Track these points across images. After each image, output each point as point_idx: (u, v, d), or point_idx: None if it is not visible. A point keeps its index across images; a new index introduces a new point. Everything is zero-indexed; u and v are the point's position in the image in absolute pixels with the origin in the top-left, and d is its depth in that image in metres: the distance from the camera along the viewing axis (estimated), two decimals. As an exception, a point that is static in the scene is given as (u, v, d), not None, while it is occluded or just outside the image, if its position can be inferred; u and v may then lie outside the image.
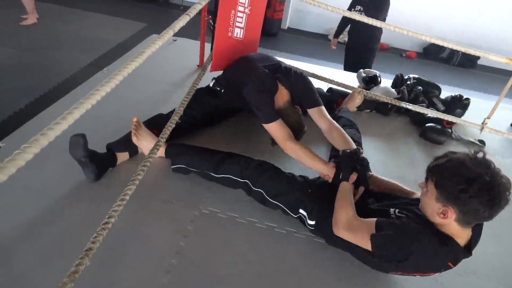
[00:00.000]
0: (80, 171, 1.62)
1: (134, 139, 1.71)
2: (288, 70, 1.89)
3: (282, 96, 1.83)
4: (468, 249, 1.22)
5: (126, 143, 1.74)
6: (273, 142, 1.79)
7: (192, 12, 1.47)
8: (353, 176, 1.53)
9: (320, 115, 1.87)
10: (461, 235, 1.20)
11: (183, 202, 1.65)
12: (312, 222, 1.52)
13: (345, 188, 1.50)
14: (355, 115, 2.37)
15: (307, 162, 1.69)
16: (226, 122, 2.18)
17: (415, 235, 1.20)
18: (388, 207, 1.38)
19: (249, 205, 1.66)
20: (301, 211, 1.54)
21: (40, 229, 1.43)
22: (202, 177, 1.72)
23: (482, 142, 2.50)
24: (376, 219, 1.29)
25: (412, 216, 1.28)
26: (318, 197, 1.54)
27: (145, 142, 1.71)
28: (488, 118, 2.39)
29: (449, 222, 1.16)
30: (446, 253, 1.19)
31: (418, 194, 1.43)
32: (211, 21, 2.60)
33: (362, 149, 1.94)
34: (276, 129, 1.71)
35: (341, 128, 1.82)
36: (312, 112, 1.89)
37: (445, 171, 1.14)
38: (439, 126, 2.41)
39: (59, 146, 1.53)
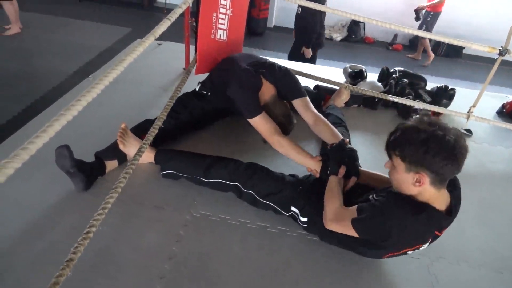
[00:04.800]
0: (69, 181, 1.61)
1: (120, 146, 1.70)
2: (272, 65, 1.90)
3: (268, 90, 1.83)
4: (449, 213, 1.24)
5: (114, 151, 1.73)
6: (265, 140, 1.79)
7: (173, 16, 1.47)
8: (342, 170, 1.55)
9: (305, 107, 1.87)
10: (438, 198, 1.22)
11: (174, 206, 1.64)
12: (305, 219, 1.53)
13: (333, 181, 1.52)
14: (343, 110, 2.38)
15: (293, 157, 1.69)
16: (214, 125, 2.18)
17: (390, 210, 1.24)
18: (369, 195, 1.41)
19: (241, 206, 1.66)
20: (293, 208, 1.55)
21: (30, 240, 1.42)
22: (192, 182, 1.72)
23: (469, 131, 2.53)
24: (357, 205, 1.33)
25: (388, 196, 1.31)
26: (309, 194, 1.55)
27: (132, 149, 1.69)
28: (474, 106, 2.43)
29: (425, 188, 1.19)
30: (426, 219, 1.21)
31: None
32: (194, 23, 2.60)
33: (350, 140, 1.95)
34: (261, 123, 1.71)
35: (327, 121, 1.83)
36: (297, 103, 1.89)
37: (404, 142, 1.18)
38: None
39: (47, 157, 1.53)
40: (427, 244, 1.30)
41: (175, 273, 1.38)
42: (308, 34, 3.58)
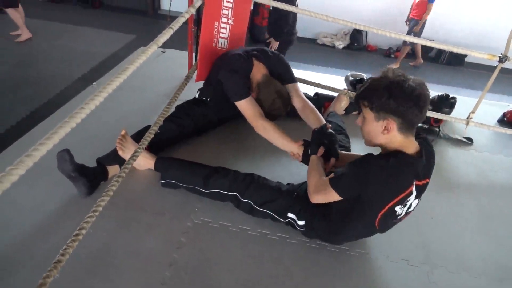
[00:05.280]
0: (72, 187, 1.63)
1: (120, 152, 1.72)
2: (264, 50, 1.97)
3: (259, 70, 1.88)
4: (420, 156, 1.28)
5: (116, 156, 1.74)
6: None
7: (176, 25, 1.50)
8: (321, 150, 1.59)
9: (296, 93, 1.94)
10: (407, 145, 1.27)
11: (175, 213, 1.66)
12: (302, 222, 1.54)
13: (313, 160, 1.56)
14: (343, 117, 2.40)
15: (276, 141, 1.72)
16: (215, 132, 2.20)
17: (362, 162, 1.30)
18: None
19: (241, 213, 1.67)
20: (289, 214, 1.57)
21: (34, 244, 1.44)
22: (191, 192, 1.73)
23: (469, 139, 2.53)
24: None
25: (361, 156, 1.36)
26: (304, 198, 1.56)
27: (131, 154, 1.71)
28: (473, 112, 2.43)
29: (394, 135, 1.25)
30: (398, 162, 1.24)
31: None
32: (197, 31, 2.63)
33: (349, 150, 1.97)
34: (246, 106, 1.75)
35: (314, 107, 1.89)
36: (288, 88, 1.94)
37: (370, 91, 1.26)
38: (426, 126, 2.45)
39: (52, 162, 1.55)
40: (414, 197, 1.31)
41: (176, 280, 1.38)
42: (279, 27, 3.60)
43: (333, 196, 1.33)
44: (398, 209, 1.32)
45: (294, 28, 3.77)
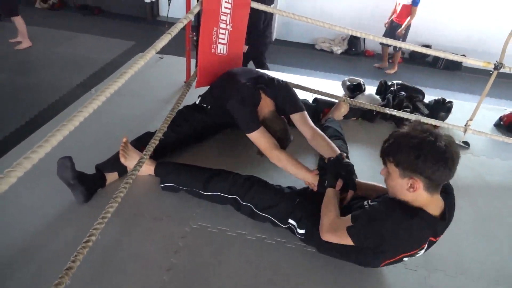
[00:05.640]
0: (70, 193, 1.63)
1: (122, 159, 1.73)
2: (271, 80, 1.94)
3: (266, 105, 1.86)
4: (443, 218, 1.26)
5: (115, 163, 1.75)
6: (260, 153, 1.81)
7: (174, 31, 1.51)
8: (339, 183, 1.56)
9: (303, 122, 1.91)
10: (431, 204, 1.23)
11: (173, 218, 1.66)
12: (302, 231, 1.54)
13: (330, 194, 1.53)
14: (341, 123, 2.41)
15: (291, 170, 1.71)
16: (214, 138, 2.21)
17: (383, 215, 1.26)
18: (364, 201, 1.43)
19: (239, 218, 1.68)
20: (290, 221, 1.56)
21: (33, 249, 1.44)
22: (191, 195, 1.73)
23: (466, 143, 2.55)
24: (352, 213, 1.34)
25: (382, 201, 1.32)
26: (306, 206, 1.56)
27: (133, 162, 1.70)
28: (471, 120, 2.45)
29: (419, 194, 1.21)
30: (419, 223, 1.22)
31: None
32: (195, 37, 2.65)
33: (348, 158, 1.97)
34: (259, 138, 1.74)
35: (324, 135, 1.85)
36: (295, 118, 1.92)
37: (397, 148, 1.21)
38: (424, 130, 2.45)
39: (50, 167, 1.56)
40: (424, 250, 1.31)
41: (174, 284, 1.38)
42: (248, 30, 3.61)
43: (347, 241, 1.31)
44: (406, 259, 1.34)
45: (267, 31, 3.71)
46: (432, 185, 1.19)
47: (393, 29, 5.72)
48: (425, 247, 1.30)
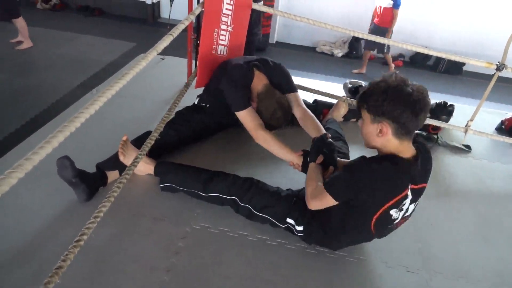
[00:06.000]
0: (71, 192, 1.63)
1: (121, 157, 1.73)
2: (265, 60, 1.98)
3: (260, 80, 1.89)
4: (415, 160, 1.28)
5: (116, 162, 1.75)
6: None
7: (175, 32, 1.51)
8: (320, 158, 1.59)
9: (296, 102, 1.95)
10: (403, 150, 1.27)
11: (174, 218, 1.66)
12: (301, 228, 1.54)
13: (312, 168, 1.57)
14: (341, 124, 2.41)
15: (276, 151, 1.73)
16: (214, 138, 2.21)
17: (356, 166, 1.31)
18: None
19: (240, 219, 1.67)
20: (288, 220, 1.57)
21: (33, 250, 1.44)
22: (190, 196, 1.73)
23: (468, 147, 2.54)
24: None
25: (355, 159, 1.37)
26: (303, 204, 1.56)
27: (132, 160, 1.71)
28: (471, 120, 2.44)
29: (388, 139, 1.25)
30: (391, 164, 1.24)
31: None
32: (197, 39, 2.65)
33: (348, 159, 1.97)
34: (246, 117, 1.76)
35: (314, 117, 1.90)
36: (289, 98, 1.95)
37: (369, 93, 1.27)
38: (424, 133, 2.46)
39: (51, 168, 1.56)
40: (409, 200, 1.31)
41: (174, 285, 1.38)
42: None
43: (329, 201, 1.33)
44: (393, 212, 1.32)
45: (255, 28, 3.67)
46: (400, 131, 1.22)
47: (376, 33, 5.59)
48: (409, 196, 1.29)
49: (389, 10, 5.45)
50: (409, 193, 1.28)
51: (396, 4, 5.37)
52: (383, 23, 5.57)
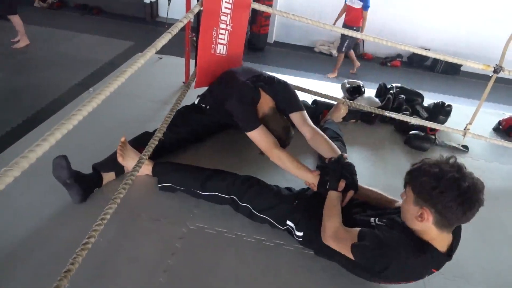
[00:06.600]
0: (66, 193, 1.61)
1: (119, 159, 1.71)
2: (271, 78, 1.93)
3: (266, 102, 1.85)
4: (449, 253, 1.23)
5: (112, 163, 1.74)
6: (262, 152, 1.78)
7: (174, 30, 1.50)
8: (342, 184, 1.54)
9: (303, 121, 1.89)
10: (441, 240, 1.21)
11: (171, 219, 1.65)
12: (300, 234, 1.53)
13: (333, 197, 1.52)
14: (340, 125, 2.40)
15: (292, 170, 1.69)
16: (213, 138, 2.19)
17: (393, 246, 1.22)
18: (369, 216, 1.40)
19: (237, 219, 1.66)
20: (288, 222, 1.55)
21: (29, 251, 1.42)
22: (189, 194, 1.72)
23: (465, 147, 2.55)
24: (360, 229, 1.31)
25: (390, 224, 1.30)
26: (305, 208, 1.55)
27: (130, 162, 1.70)
28: (470, 123, 2.45)
29: (428, 226, 1.18)
30: (426, 261, 1.20)
31: (399, 202, 1.44)
32: (194, 38, 2.64)
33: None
34: (259, 136, 1.72)
35: (324, 135, 1.84)
36: (295, 117, 1.90)
37: (418, 173, 1.18)
38: (422, 133, 2.46)
39: (47, 167, 1.54)
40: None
41: (170, 286, 1.37)
42: None
43: (347, 254, 1.29)
44: (403, 284, 1.34)
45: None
46: (442, 223, 1.15)
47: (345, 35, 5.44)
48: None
49: (358, 11, 5.34)
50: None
51: (365, 6, 5.26)
52: (351, 22, 5.44)
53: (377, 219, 1.36)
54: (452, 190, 1.09)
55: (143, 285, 1.36)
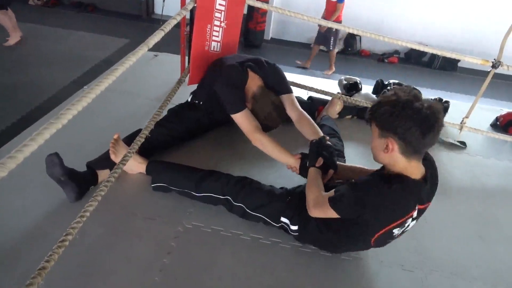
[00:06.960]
0: (62, 191, 1.60)
1: (112, 156, 1.70)
2: (259, 60, 1.94)
3: (255, 82, 1.85)
4: (425, 180, 1.23)
5: (107, 161, 1.71)
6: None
7: (167, 27, 1.48)
8: (319, 161, 1.56)
9: (290, 103, 1.91)
10: (411, 169, 1.21)
11: (166, 218, 1.63)
12: (295, 227, 1.52)
13: (312, 173, 1.54)
14: (336, 121, 2.39)
15: (273, 154, 1.71)
16: (207, 136, 2.18)
17: (363, 184, 1.26)
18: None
19: (233, 217, 1.65)
20: (282, 219, 1.55)
21: (22, 250, 1.40)
22: (183, 195, 1.70)
23: (463, 143, 2.54)
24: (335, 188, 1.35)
25: (364, 176, 1.33)
26: (297, 204, 1.54)
27: (121, 159, 1.68)
28: (467, 117, 2.44)
29: (396, 156, 1.19)
30: (402, 189, 1.20)
31: None
32: (189, 34, 2.62)
33: (343, 156, 1.96)
34: (242, 119, 1.74)
35: (310, 118, 1.86)
36: (283, 99, 1.91)
37: (379, 106, 1.20)
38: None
39: (40, 166, 1.52)
40: (413, 219, 1.29)
41: (166, 285, 1.35)
42: None
43: (332, 214, 1.30)
44: (395, 230, 1.31)
45: None
46: (408, 149, 1.16)
47: (326, 28, 5.44)
48: (414, 215, 1.27)
49: (333, 4, 5.23)
50: (415, 214, 1.26)
51: None
52: (329, 17, 5.31)
53: (353, 179, 1.38)
54: (407, 110, 1.11)
55: (139, 285, 1.35)
